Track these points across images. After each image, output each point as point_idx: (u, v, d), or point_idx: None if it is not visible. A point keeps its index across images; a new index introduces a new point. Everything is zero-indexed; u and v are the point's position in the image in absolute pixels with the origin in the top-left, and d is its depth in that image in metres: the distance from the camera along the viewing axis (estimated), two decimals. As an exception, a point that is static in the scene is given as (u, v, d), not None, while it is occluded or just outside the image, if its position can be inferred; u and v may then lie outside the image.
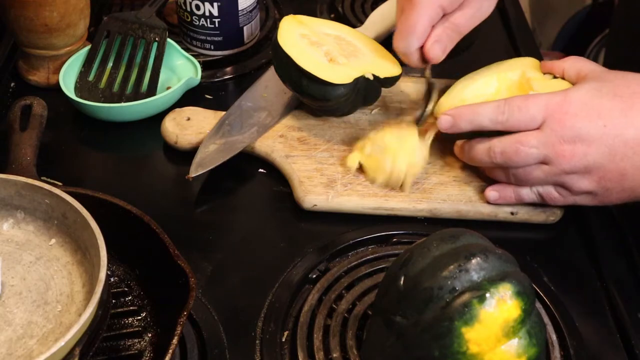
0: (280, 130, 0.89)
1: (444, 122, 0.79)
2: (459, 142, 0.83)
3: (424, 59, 0.84)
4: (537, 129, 0.75)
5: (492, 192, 0.81)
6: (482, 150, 0.78)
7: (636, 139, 0.73)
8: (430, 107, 0.86)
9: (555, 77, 0.83)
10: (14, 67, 1.00)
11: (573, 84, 0.80)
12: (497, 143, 0.77)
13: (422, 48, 0.83)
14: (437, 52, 0.82)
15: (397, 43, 0.83)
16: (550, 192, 0.78)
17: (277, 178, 0.86)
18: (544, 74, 0.85)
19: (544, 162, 0.76)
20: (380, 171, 0.81)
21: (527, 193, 0.80)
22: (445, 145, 0.88)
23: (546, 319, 0.71)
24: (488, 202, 0.81)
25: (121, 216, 0.70)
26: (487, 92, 0.87)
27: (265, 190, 0.86)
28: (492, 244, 0.62)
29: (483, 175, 0.84)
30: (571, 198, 0.78)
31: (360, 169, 0.84)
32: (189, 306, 0.62)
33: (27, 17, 0.91)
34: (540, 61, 0.86)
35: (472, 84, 0.87)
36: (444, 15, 0.82)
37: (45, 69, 0.97)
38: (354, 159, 0.83)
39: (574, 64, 0.81)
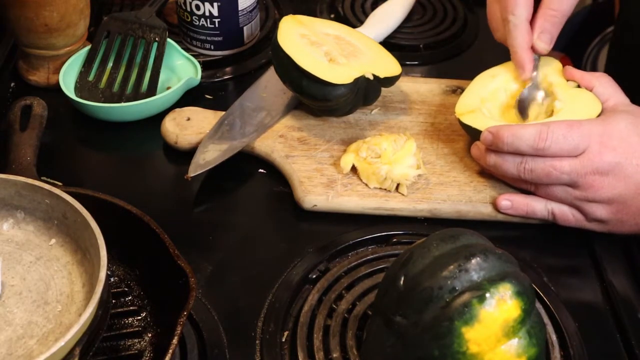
0: (280, 130, 0.89)
1: (486, 139, 0.79)
2: (479, 145, 0.81)
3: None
4: (574, 156, 0.75)
5: (505, 201, 0.80)
6: (512, 163, 0.78)
7: None
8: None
9: (578, 86, 0.83)
10: (14, 67, 1.00)
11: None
12: (530, 161, 0.76)
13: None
14: (546, 42, 0.84)
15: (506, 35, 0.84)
16: (565, 213, 0.79)
17: (277, 178, 0.86)
18: (567, 80, 0.84)
19: (570, 185, 0.76)
20: (375, 176, 0.81)
21: (541, 210, 0.79)
22: (445, 145, 0.88)
23: (546, 319, 0.71)
24: (496, 208, 0.81)
25: (121, 216, 0.70)
26: (509, 88, 0.86)
27: (265, 190, 0.86)
28: (492, 244, 0.62)
29: (482, 176, 0.84)
30: (583, 223, 0.79)
31: (354, 170, 0.84)
32: (189, 306, 0.62)
33: (27, 17, 0.91)
34: (562, 64, 0.86)
35: (492, 81, 0.87)
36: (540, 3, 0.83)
37: (45, 69, 0.97)
38: (347, 161, 0.83)
39: (605, 87, 0.81)
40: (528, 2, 0.83)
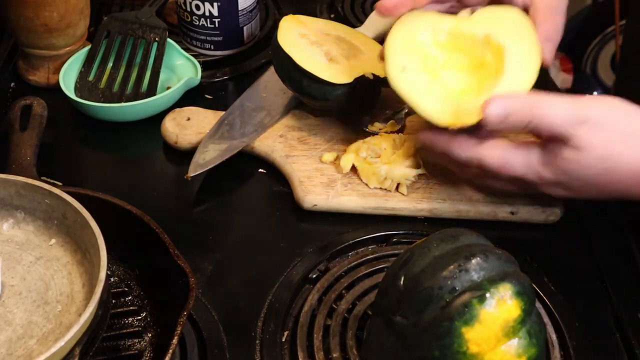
0: (280, 130, 0.89)
1: (495, 111, 0.69)
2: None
3: None
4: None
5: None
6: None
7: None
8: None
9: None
10: (14, 67, 1.00)
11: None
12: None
13: None
14: None
15: None
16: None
17: (277, 178, 0.86)
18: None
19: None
20: (375, 176, 0.81)
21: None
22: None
23: (546, 319, 0.71)
24: (490, 201, 0.81)
25: (121, 216, 0.70)
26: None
27: (265, 190, 0.86)
28: (492, 244, 0.62)
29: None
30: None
31: (354, 170, 0.84)
32: (189, 306, 0.62)
33: (27, 17, 0.91)
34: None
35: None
36: None
37: (45, 69, 0.97)
38: (347, 161, 0.83)
39: None
40: None
